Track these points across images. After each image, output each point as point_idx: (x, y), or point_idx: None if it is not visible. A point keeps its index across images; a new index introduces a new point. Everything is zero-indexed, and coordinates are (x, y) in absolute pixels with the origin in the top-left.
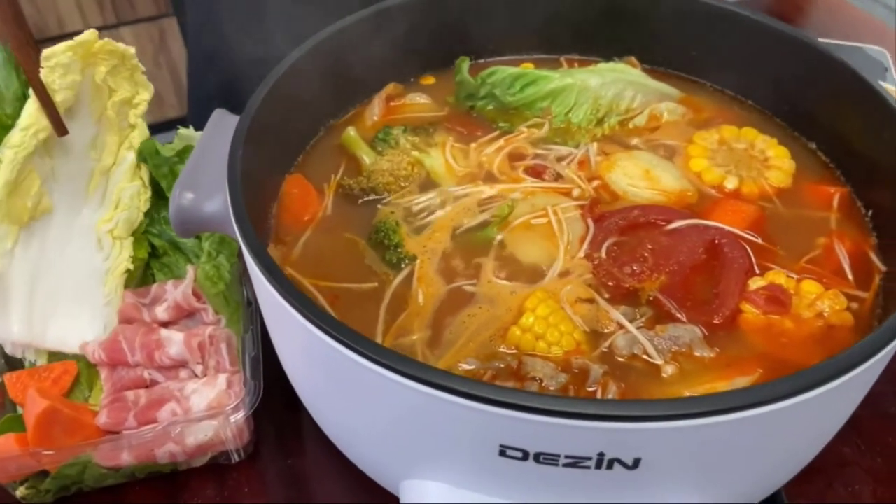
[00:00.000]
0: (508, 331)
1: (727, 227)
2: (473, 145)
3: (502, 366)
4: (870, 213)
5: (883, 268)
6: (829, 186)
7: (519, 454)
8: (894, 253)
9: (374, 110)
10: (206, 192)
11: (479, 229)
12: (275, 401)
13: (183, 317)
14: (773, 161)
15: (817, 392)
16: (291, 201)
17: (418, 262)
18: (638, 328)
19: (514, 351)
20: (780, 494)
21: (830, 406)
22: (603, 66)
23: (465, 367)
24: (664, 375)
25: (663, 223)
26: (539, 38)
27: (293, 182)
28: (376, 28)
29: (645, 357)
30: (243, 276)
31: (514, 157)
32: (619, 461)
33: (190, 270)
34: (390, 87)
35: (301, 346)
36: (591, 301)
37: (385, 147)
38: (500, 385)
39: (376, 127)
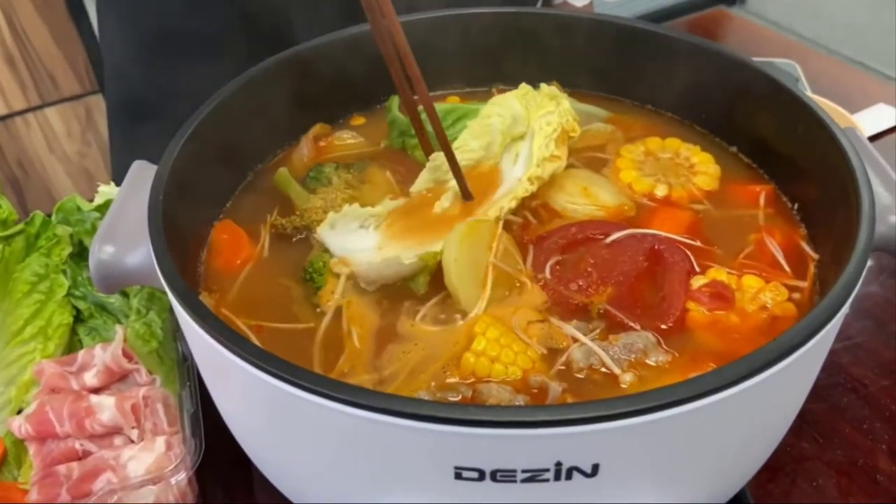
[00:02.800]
0: (462, 358)
1: (663, 234)
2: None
3: (457, 398)
4: (796, 206)
5: (815, 256)
6: (755, 186)
7: (475, 474)
8: (824, 241)
9: (303, 151)
10: (127, 244)
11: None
12: (220, 459)
13: (114, 381)
14: (699, 167)
15: (766, 375)
16: (222, 247)
17: (345, 301)
18: (592, 341)
19: (471, 380)
20: (746, 496)
21: (779, 390)
22: None
23: None
24: (623, 385)
25: (602, 237)
26: (463, 73)
27: (223, 228)
28: (297, 72)
29: (603, 369)
30: (177, 332)
31: None
32: (578, 469)
33: (119, 330)
34: (317, 128)
35: (239, 390)
36: (543, 321)
37: (317, 185)
38: (446, 402)
39: (307, 166)
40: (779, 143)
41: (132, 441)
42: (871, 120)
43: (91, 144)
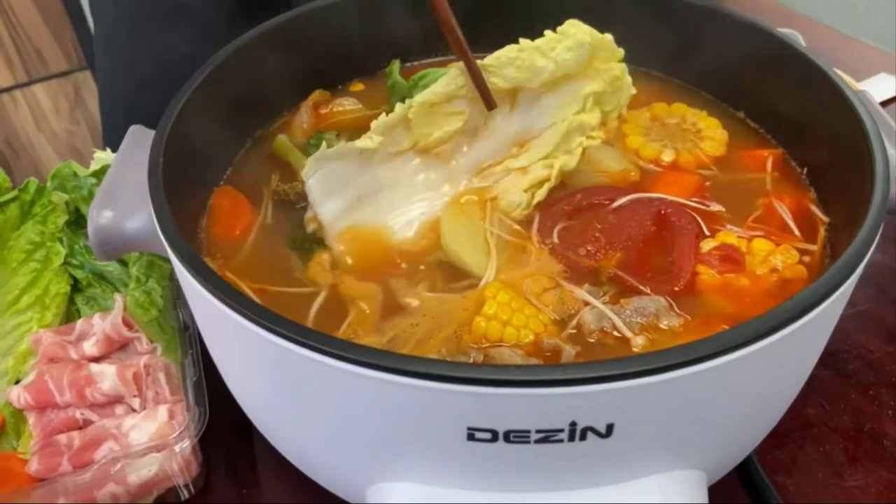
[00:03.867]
0: (473, 322)
1: (670, 197)
2: None
3: (470, 362)
4: (805, 170)
5: (825, 218)
6: (763, 150)
7: (488, 436)
8: (834, 204)
9: (303, 118)
10: (126, 209)
11: None
12: (223, 429)
13: (114, 350)
14: (706, 132)
15: (783, 333)
16: (222, 214)
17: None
18: (603, 304)
19: (484, 345)
20: (754, 462)
21: (793, 351)
22: None
23: None
24: (635, 349)
25: (608, 202)
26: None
27: (223, 194)
28: (296, 36)
29: (615, 333)
30: (178, 300)
31: None
32: (593, 429)
33: (118, 298)
34: (316, 94)
35: (245, 353)
36: (554, 287)
37: None
38: (461, 361)
39: (308, 134)
40: (788, 107)
41: (134, 410)
42: (873, 89)
43: (80, 122)
